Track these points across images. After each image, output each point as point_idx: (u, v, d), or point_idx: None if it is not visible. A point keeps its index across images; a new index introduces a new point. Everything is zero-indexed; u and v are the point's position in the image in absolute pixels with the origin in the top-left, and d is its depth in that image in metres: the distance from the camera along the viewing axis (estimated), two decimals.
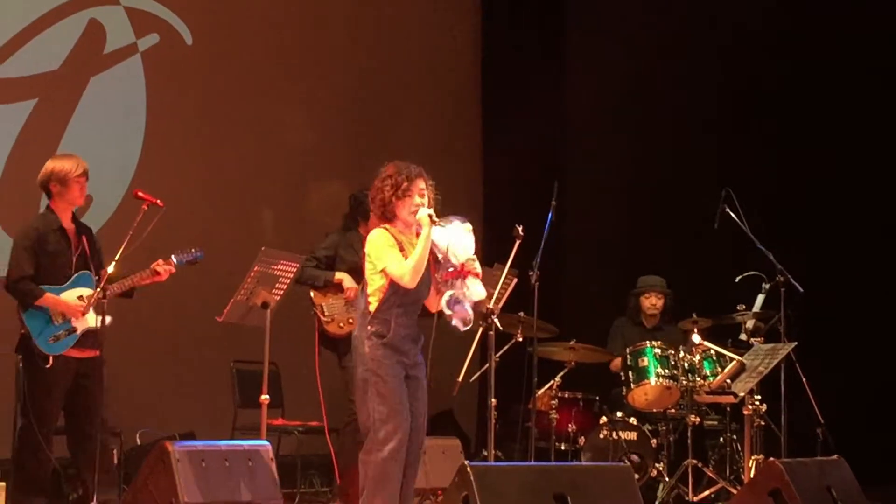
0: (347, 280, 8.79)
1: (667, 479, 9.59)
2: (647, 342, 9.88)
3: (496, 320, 7.94)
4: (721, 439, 9.98)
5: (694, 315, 9.85)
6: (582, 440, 9.93)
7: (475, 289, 6.84)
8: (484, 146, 12.73)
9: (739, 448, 9.70)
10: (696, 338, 9.66)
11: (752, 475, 8.91)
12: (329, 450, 8.80)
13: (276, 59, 11.44)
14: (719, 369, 9.47)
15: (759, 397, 9.25)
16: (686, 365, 9.64)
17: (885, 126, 11.25)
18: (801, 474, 7.42)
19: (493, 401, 7.92)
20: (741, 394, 9.12)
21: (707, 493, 9.55)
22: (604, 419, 9.91)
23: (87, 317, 7.67)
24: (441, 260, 6.83)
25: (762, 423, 9.33)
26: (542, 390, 9.75)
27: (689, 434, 9.52)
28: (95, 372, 7.77)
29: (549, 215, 8.65)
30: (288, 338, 9.30)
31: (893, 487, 9.68)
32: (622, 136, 12.14)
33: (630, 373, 9.80)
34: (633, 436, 9.81)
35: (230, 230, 10.65)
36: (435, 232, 6.81)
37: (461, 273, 6.82)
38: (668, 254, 11.32)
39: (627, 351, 9.88)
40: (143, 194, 7.77)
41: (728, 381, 9.21)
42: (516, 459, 9.68)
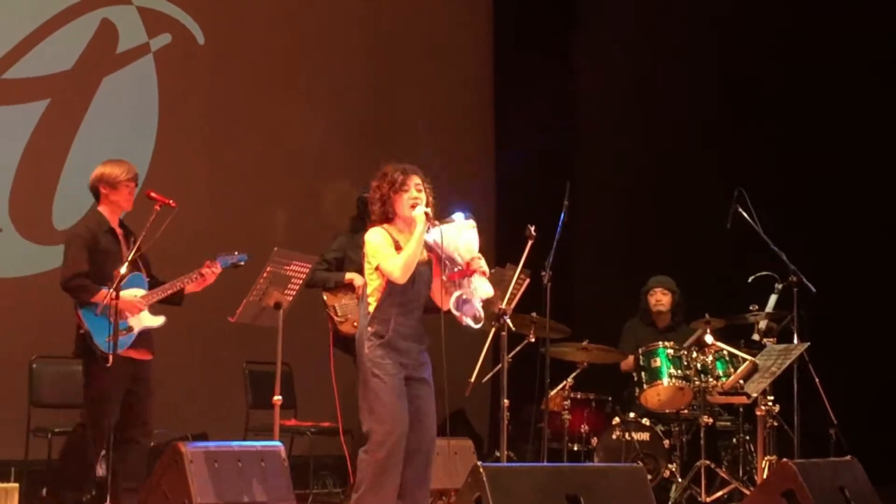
0: (358, 279, 8.79)
1: (679, 480, 9.57)
2: (660, 343, 9.86)
3: (509, 321, 7.94)
4: (734, 440, 9.96)
5: (706, 315, 9.83)
6: (594, 441, 9.92)
7: (482, 287, 6.83)
8: (496, 147, 12.74)
9: (752, 449, 9.68)
10: (709, 338, 9.64)
11: (765, 476, 8.89)
12: (342, 450, 8.80)
13: (288, 58, 11.45)
14: (732, 370, 9.45)
15: (771, 398, 9.22)
16: (699, 365, 9.62)
17: (888, 125, 11.21)
18: (815, 475, 7.39)
19: (506, 401, 7.92)
20: (754, 394, 9.10)
21: (720, 493, 9.53)
22: (616, 420, 9.90)
23: (143, 316, 7.72)
24: (445, 261, 6.81)
25: (775, 423, 9.30)
26: (555, 391, 9.75)
27: (701, 435, 9.49)
28: (146, 376, 7.82)
29: (562, 216, 8.65)
30: (300, 338, 9.30)
31: None
32: (634, 136, 12.14)
33: (643, 373, 9.78)
34: (645, 436, 9.79)
35: (242, 230, 10.65)
36: (437, 233, 6.80)
37: (467, 272, 6.81)
38: (680, 254, 11.31)
39: (640, 351, 9.86)
40: (155, 195, 7.77)
41: (741, 381, 9.19)
42: (529, 460, 9.68)
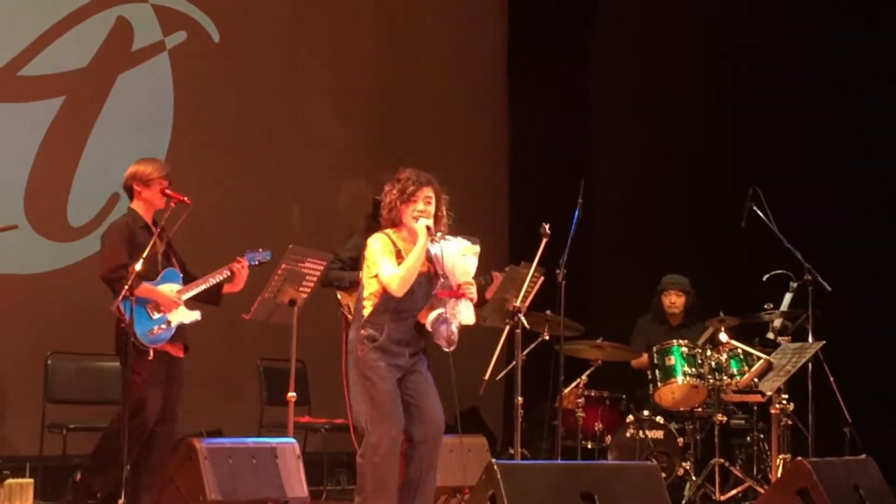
0: None
1: (693, 479, 9.56)
2: (675, 340, 9.86)
3: (523, 318, 7.94)
4: (748, 438, 9.95)
5: (721, 314, 9.81)
6: (608, 439, 9.92)
7: (465, 313, 6.81)
8: (511, 144, 12.72)
9: (766, 447, 9.68)
10: (724, 336, 9.63)
11: (779, 474, 8.88)
12: (355, 448, 8.80)
13: (302, 56, 11.46)
14: (746, 368, 9.44)
15: (786, 396, 9.21)
16: (713, 364, 9.62)
17: None
18: (829, 474, 7.39)
19: (520, 399, 7.92)
20: (769, 393, 9.09)
21: (734, 492, 9.53)
22: (630, 418, 9.89)
23: (180, 311, 7.75)
24: (441, 275, 6.81)
25: (789, 422, 9.29)
26: (569, 389, 9.74)
27: (715, 433, 9.49)
28: (179, 374, 7.85)
29: (576, 213, 8.64)
30: (315, 335, 9.30)
31: None
32: (649, 133, 12.13)
33: (657, 371, 9.78)
34: (659, 434, 9.78)
35: (257, 227, 10.66)
36: (442, 247, 6.80)
37: (455, 294, 6.80)
38: (694, 251, 11.29)
39: (654, 349, 9.86)
40: (170, 192, 7.80)
41: (755, 379, 9.19)
42: (543, 458, 9.66)
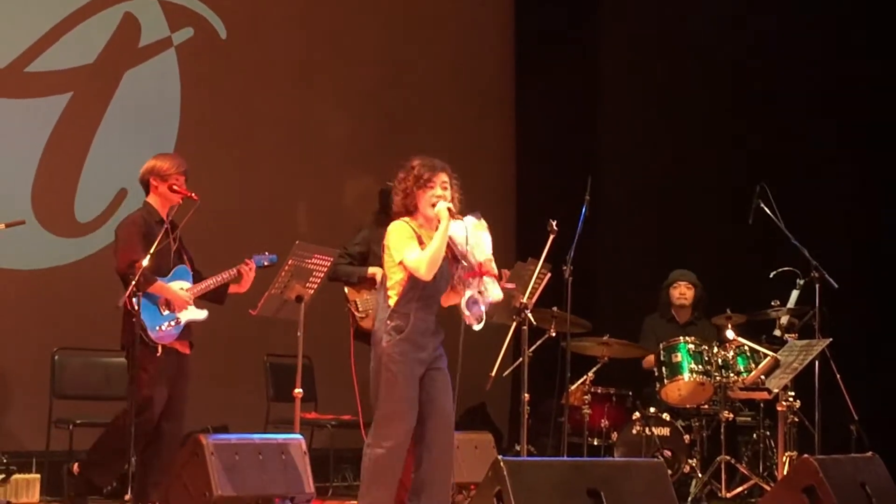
0: (380, 273, 8.79)
1: (700, 475, 9.56)
2: (681, 337, 9.86)
3: (530, 315, 7.94)
4: (754, 435, 9.94)
5: (728, 311, 9.81)
6: (615, 435, 9.92)
7: (493, 290, 6.83)
8: (517, 140, 12.72)
9: (773, 444, 9.67)
10: (730, 333, 9.63)
11: (785, 472, 8.88)
12: (362, 444, 8.79)
13: (309, 52, 11.46)
14: (753, 365, 9.44)
15: (792, 393, 9.21)
16: (720, 361, 9.62)
17: None
18: (836, 471, 7.37)
19: (526, 395, 7.92)
20: (775, 390, 9.09)
21: (740, 489, 9.53)
22: (637, 415, 9.89)
23: (189, 309, 7.77)
24: (459, 258, 6.81)
25: (796, 419, 9.29)
26: (575, 385, 9.74)
27: (722, 430, 9.50)
28: (186, 370, 7.86)
29: (583, 210, 8.64)
30: (321, 332, 9.32)
31: None
32: (656, 130, 12.11)
33: (663, 368, 9.78)
34: (665, 431, 9.78)
35: (264, 224, 10.68)
36: (462, 228, 6.80)
37: (479, 273, 6.80)
38: (701, 248, 11.27)
39: (661, 346, 9.86)
40: (178, 187, 7.80)
41: (762, 377, 9.18)
42: (549, 454, 9.67)
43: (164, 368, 7.65)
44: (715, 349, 9.67)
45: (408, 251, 6.78)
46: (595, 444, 9.98)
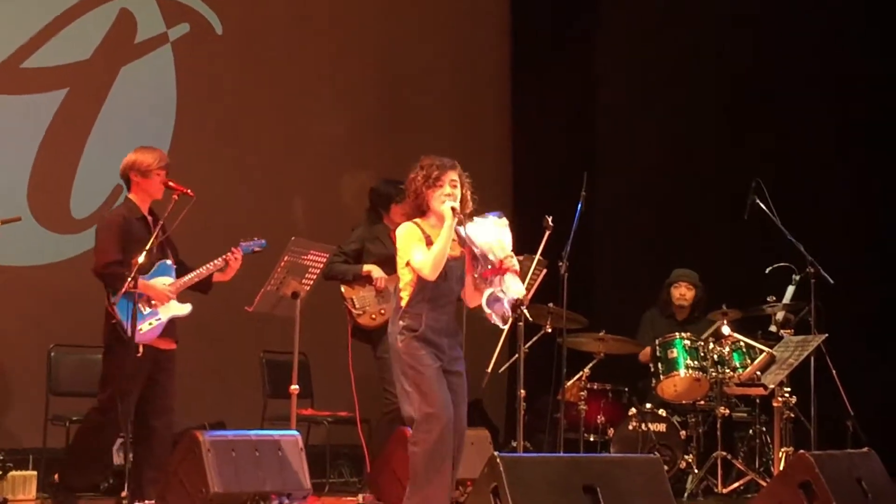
0: (376, 271, 8.80)
1: (696, 471, 9.57)
2: (677, 333, 9.87)
3: (525, 311, 7.93)
4: (750, 431, 9.95)
5: (724, 306, 9.81)
6: (611, 431, 9.93)
7: (514, 286, 6.83)
8: (513, 137, 12.72)
9: (769, 440, 9.69)
10: (726, 329, 9.64)
11: (781, 467, 8.88)
12: (358, 440, 8.81)
13: (306, 48, 11.45)
14: (749, 361, 9.45)
15: (788, 389, 9.22)
16: (715, 356, 9.62)
17: None
18: (831, 466, 7.37)
19: (523, 392, 7.91)
20: (771, 386, 9.09)
21: (736, 485, 9.54)
22: (633, 410, 9.90)
23: (171, 304, 7.75)
24: (479, 257, 6.81)
25: (792, 414, 9.29)
26: (572, 381, 9.75)
27: (718, 426, 9.51)
28: (170, 365, 7.83)
29: (579, 206, 8.64)
30: (317, 328, 9.31)
31: None
32: (653, 126, 12.12)
33: (659, 364, 9.79)
34: (662, 427, 9.79)
35: (260, 220, 10.65)
36: (473, 228, 6.80)
37: (500, 270, 6.80)
38: (698, 244, 11.29)
39: (657, 342, 9.87)
40: (173, 184, 7.78)
41: (758, 372, 9.19)
42: (545, 451, 9.67)
43: (140, 368, 7.57)
44: (711, 345, 9.68)
45: (414, 252, 6.79)
46: (591, 440, 9.99)
